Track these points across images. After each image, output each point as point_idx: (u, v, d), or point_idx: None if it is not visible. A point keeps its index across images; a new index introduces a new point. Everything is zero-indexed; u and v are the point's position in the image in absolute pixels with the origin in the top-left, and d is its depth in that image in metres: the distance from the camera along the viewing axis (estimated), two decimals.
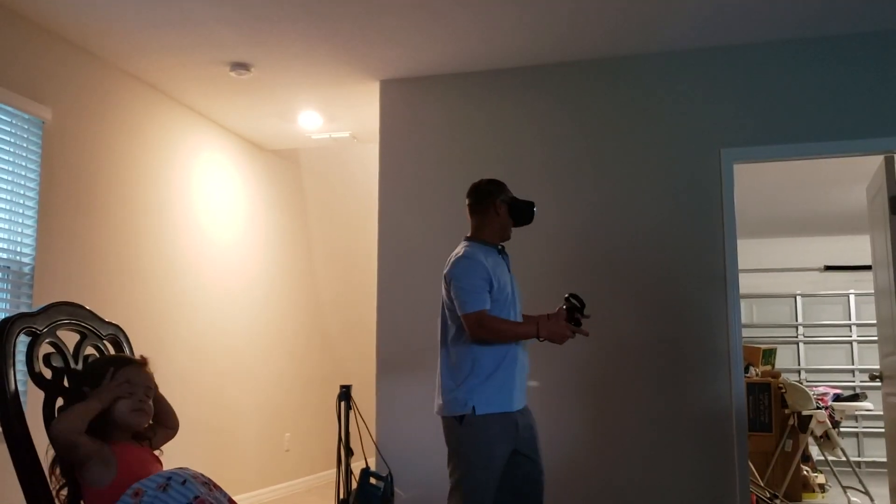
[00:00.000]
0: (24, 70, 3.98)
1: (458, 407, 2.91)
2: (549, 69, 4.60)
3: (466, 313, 2.88)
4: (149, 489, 1.89)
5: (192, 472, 1.97)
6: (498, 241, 3.13)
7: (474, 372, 2.91)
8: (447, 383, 2.97)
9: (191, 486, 1.90)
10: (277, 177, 6.50)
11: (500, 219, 3.12)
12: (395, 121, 4.83)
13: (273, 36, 4.21)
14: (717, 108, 4.33)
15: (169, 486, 1.89)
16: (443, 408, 2.98)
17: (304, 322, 6.81)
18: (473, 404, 2.88)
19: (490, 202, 3.11)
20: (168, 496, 1.87)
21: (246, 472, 5.79)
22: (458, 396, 2.91)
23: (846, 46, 4.20)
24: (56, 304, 2.09)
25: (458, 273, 2.94)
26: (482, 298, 2.89)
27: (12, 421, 1.86)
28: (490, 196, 3.12)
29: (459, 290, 2.91)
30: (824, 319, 8.73)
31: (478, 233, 3.13)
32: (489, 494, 2.88)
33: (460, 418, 2.90)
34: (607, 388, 4.29)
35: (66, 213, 4.22)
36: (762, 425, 5.83)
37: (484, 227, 3.12)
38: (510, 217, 3.14)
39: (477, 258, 2.96)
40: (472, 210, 3.16)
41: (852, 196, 6.94)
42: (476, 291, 2.89)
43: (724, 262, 4.21)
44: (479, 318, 2.87)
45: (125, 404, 2.02)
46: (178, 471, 1.96)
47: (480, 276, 2.92)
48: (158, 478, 1.93)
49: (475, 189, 3.19)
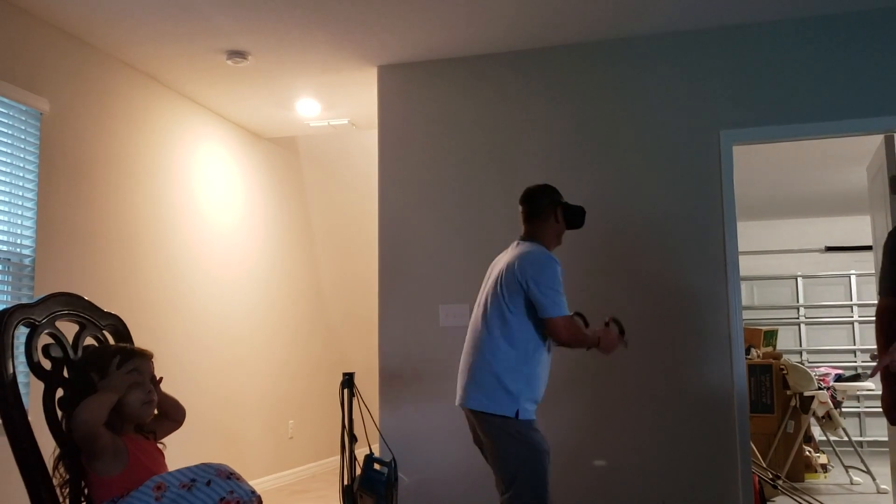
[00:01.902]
0: (22, 61, 3.96)
1: (509, 408, 2.93)
2: (546, 52, 4.58)
3: (556, 317, 2.94)
4: (172, 486, 1.86)
5: (215, 467, 1.92)
6: (554, 247, 3.18)
7: (527, 374, 2.98)
8: (500, 379, 2.95)
9: (216, 488, 1.86)
10: (276, 165, 6.49)
11: (560, 225, 3.20)
12: (393, 107, 4.81)
13: (269, 23, 4.19)
14: (715, 89, 4.31)
15: (194, 486, 1.85)
16: (489, 405, 2.96)
17: (306, 310, 6.82)
18: (518, 408, 2.94)
19: (551, 210, 3.17)
20: (192, 496, 1.84)
21: (250, 460, 5.82)
22: (512, 396, 2.94)
23: (845, 25, 4.18)
24: (54, 294, 2.09)
25: (550, 275, 2.97)
26: (566, 304, 2.99)
27: (12, 411, 1.86)
28: (551, 204, 3.17)
29: (550, 292, 2.95)
30: (825, 300, 8.73)
31: (536, 237, 3.15)
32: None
33: (514, 414, 2.93)
34: (608, 370, 4.29)
35: (66, 205, 4.22)
36: (764, 407, 5.84)
37: (542, 232, 3.16)
38: (564, 223, 3.21)
39: (558, 264, 3.02)
40: (529, 216, 3.19)
41: (852, 176, 6.92)
42: (562, 295, 2.98)
43: (725, 244, 4.20)
44: (567, 323, 2.96)
45: (137, 397, 2.02)
46: (203, 468, 1.92)
47: (561, 283, 3.01)
48: (182, 476, 1.89)
49: (532, 195, 3.21)
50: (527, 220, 3.19)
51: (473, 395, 3.00)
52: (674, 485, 4.14)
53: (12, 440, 1.87)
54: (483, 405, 2.96)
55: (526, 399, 2.96)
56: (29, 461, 1.87)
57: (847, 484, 5.89)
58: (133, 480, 1.91)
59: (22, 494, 1.92)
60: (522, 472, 2.89)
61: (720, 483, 4.09)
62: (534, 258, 3.01)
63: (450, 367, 4.40)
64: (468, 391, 3.03)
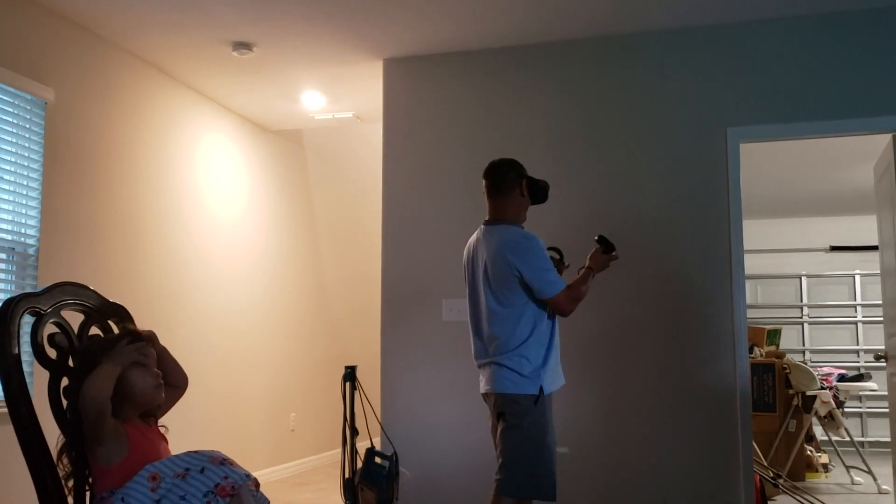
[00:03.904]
0: (27, 51, 3.96)
1: (531, 387, 2.93)
2: (552, 47, 4.56)
3: (557, 294, 2.94)
4: (166, 475, 1.86)
5: (208, 455, 1.92)
6: (521, 223, 3.11)
7: (542, 353, 2.98)
8: (514, 362, 2.94)
9: (210, 474, 1.86)
10: (281, 158, 6.48)
11: (525, 200, 3.11)
12: (398, 100, 4.80)
13: (275, 15, 4.18)
14: (723, 86, 4.30)
15: (188, 474, 1.86)
16: (509, 386, 2.95)
17: (309, 303, 6.82)
18: (542, 384, 2.94)
19: (515, 183, 3.09)
20: (187, 484, 1.84)
21: (252, 452, 5.83)
22: (531, 376, 2.93)
23: (854, 23, 4.16)
24: (60, 284, 2.09)
25: (536, 257, 2.95)
26: (558, 278, 2.99)
27: (18, 400, 1.86)
28: (515, 177, 3.09)
29: (544, 273, 2.94)
30: (829, 300, 8.72)
31: (502, 215, 3.08)
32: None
33: (535, 399, 2.92)
34: (612, 367, 4.29)
35: (70, 194, 4.21)
36: (766, 405, 5.84)
37: (508, 208, 3.08)
38: (529, 197, 3.13)
39: (538, 239, 2.99)
40: (492, 191, 3.10)
41: (859, 175, 6.90)
42: (552, 271, 2.98)
43: (730, 242, 4.19)
44: (567, 296, 2.97)
45: (147, 381, 2.02)
46: (195, 455, 1.92)
47: (548, 257, 3.00)
48: (175, 465, 1.89)
49: (496, 169, 3.12)
50: (490, 195, 3.10)
51: (494, 380, 2.99)
52: (675, 482, 4.14)
53: (18, 428, 1.87)
54: (501, 386, 2.97)
55: (546, 374, 2.97)
56: (34, 449, 1.87)
57: (848, 484, 5.88)
58: (132, 471, 1.91)
59: (27, 483, 1.92)
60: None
61: (721, 481, 4.08)
62: (513, 244, 2.97)
63: (452, 361, 4.40)
64: (493, 378, 3.01)
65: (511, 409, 2.95)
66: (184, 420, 2.26)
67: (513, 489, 2.90)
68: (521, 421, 2.92)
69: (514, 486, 2.90)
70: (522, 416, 2.92)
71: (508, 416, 2.95)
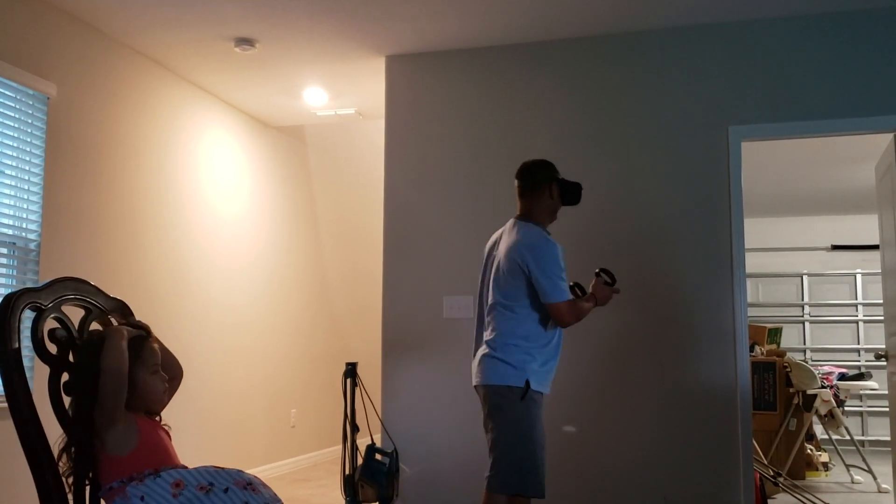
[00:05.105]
0: (29, 46, 3.96)
1: (517, 379, 2.94)
2: (555, 45, 4.56)
3: (559, 302, 2.94)
4: (190, 484, 1.85)
5: (233, 474, 1.91)
6: (549, 224, 3.14)
7: (538, 352, 2.99)
8: (504, 353, 2.96)
9: (233, 496, 1.84)
10: (283, 154, 6.48)
11: (555, 202, 3.14)
12: (401, 97, 4.79)
13: (277, 11, 4.17)
14: (725, 85, 4.29)
15: (212, 490, 1.84)
16: (494, 377, 2.97)
17: (310, 299, 6.82)
18: (528, 377, 2.95)
19: (546, 185, 3.11)
20: (209, 500, 1.83)
21: (252, 448, 5.84)
22: (518, 367, 2.95)
23: (856, 22, 4.15)
24: (61, 279, 2.08)
25: (550, 260, 2.96)
26: (566, 288, 2.98)
27: (18, 395, 1.86)
28: (546, 179, 3.12)
29: (553, 277, 2.94)
30: (830, 299, 8.71)
31: (531, 215, 3.11)
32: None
33: (521, 393, 2.92)
34: (613, 366, 4.29)
35: (72, 190, 4.22)
36: (767, 404, 5.84)
37: (535, 209, 3.11)
38: (560, 199, 3.15)
39: (557, 246, 2.99)
40: (524, 191, 3.14)
41: (860, 174, 6.89)
42: (563, 280, 2.97)
43: (731, 240, 4.19)
44: (569, 307, 2.96)
45: (156, 384, 2.03)
46: (220, 473, 1.91)
47: (562, 266, 2.99)
48: (199, 477, 1.88)
49: (527, 170, 3.16)
50: (521, 195, 3.14)
51: (489, 373, 3.01)
52: (675, 480, 4.14)
53: (18, 423, 1.87)
54: (497, 377, 2.98)
55: (538, 374, 2.98)
56: (34, 444, 1.87)
57: (848, 482, 5.89)
58: (142, 462, 1.91)
59: (27, 478, 1.92)
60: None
61: (722, 479, 4.09)
62: (531, 243, 2.99)
63: (453, 358, 4.41)
64: (487, 370, 3.02)
65: (496, 401, 2.97)
66: (184, 415, 2.26)
67: (499, 485, 2.91)
68: (506, 414, 2.94)
69: (501, 482, 2.91)
70: (509, 409, 2.93)
71: (493, 408, 2.97)
